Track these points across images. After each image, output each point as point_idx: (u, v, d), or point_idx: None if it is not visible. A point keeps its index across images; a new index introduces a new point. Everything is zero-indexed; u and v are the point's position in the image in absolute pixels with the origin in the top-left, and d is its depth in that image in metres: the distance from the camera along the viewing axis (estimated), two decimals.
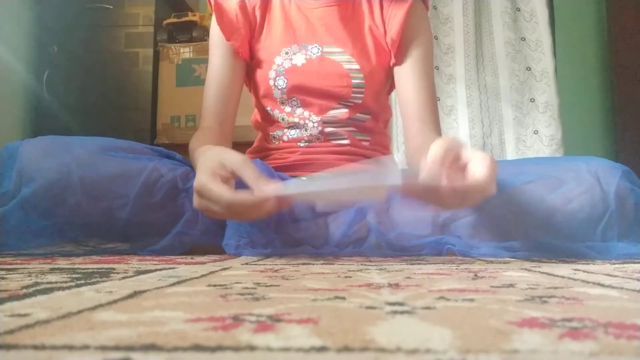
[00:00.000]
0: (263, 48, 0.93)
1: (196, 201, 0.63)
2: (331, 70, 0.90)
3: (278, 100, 0.92)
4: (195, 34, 1.99)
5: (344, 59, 0.91)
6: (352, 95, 0.91)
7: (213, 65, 0.93)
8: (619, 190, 0.72)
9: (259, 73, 0.93)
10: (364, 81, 0.91)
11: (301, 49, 0.92)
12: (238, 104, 0.95)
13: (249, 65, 0.96)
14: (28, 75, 1.96)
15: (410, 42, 0.91)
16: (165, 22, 2.01)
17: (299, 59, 0.91)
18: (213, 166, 0.62)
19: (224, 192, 0.59)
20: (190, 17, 2.01)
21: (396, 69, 0.93)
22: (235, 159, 0.62)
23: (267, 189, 0.59)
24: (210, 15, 0.95)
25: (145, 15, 1.99)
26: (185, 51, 1.96)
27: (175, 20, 2.01)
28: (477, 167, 0.56)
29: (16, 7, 1.96)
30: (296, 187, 0.62)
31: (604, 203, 0.71)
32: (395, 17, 0.90)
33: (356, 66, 0.91)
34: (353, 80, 0.91)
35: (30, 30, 2.00)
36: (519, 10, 2.15)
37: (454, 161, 0.57)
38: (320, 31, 0.93)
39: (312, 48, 0.92)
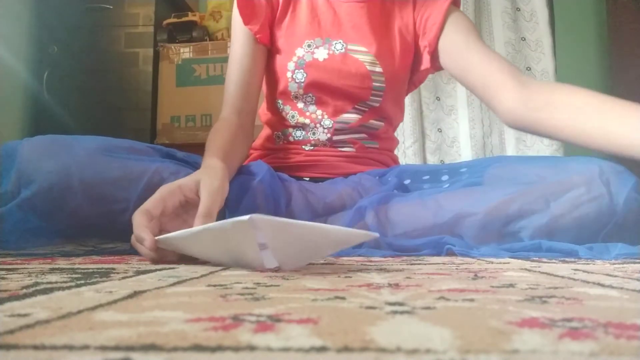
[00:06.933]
0: (285, 36, 0.92)
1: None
2: (353, 69, 0.89)
3: (292, 94, 0.90)
4: (195, 34, 1.99)
5: (367, 60, 0.90)
6: (371, 98, 0.90)
7: (234, 51, 0.91)
8: (628, 201, 0.70)
9: (278, 62, 0.92)
10: (384, 85, 0.90)
11: (324, 43, 0.90)
12: (260, 90, 0.92)
13: (269, 51, 0.93)
14: (28, 75, 1.96)
15: (454, 27, 0.90)
16: (165, 22, 2.01)
17: (322, 54, 0.89)
18: (162, 196, 0.59)
19: (137, 229, 0.56)
20: (190, 17, 2.01)
21: (447, 58, 0.91)
22: (192, 185, 0.61)
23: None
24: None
25: (145, 15, 1.99)
26: (185, 51, 1.96)
27: (175, 20, 2.01)
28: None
29: (16, 7, 1.96)
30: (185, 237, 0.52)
31: (610, 213, 0.70)
32: (431, 17, 0.90)
33: (379, 69, 0.90)
34: (374, 83, 0.89)
35: (30, 30, 2.00)
36: (519, 10, 2.14)
37: None
38: (347, 27, 0.91)
39: (336, 44, 0.90)
